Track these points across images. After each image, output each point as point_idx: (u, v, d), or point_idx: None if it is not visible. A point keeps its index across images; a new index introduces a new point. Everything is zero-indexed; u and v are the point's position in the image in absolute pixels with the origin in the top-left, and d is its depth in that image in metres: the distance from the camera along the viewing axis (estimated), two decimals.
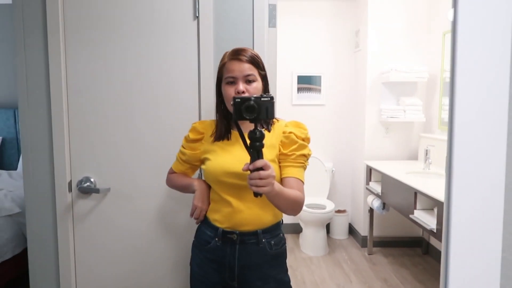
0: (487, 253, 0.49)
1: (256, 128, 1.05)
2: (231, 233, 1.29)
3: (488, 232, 0.49)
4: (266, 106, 1.07)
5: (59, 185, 1.68)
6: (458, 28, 0.55)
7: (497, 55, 0.51)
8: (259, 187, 1.04)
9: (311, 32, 4.07)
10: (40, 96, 1.67)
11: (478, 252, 0.50)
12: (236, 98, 1.07)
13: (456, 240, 0.50)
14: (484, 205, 0.50)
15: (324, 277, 3.22)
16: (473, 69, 0.52)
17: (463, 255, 0.51)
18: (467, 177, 0.50)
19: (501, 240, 0.43)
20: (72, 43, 1.65)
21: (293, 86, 4.10)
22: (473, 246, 0.50)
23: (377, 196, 3.40)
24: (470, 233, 0.50)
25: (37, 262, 1.75)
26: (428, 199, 2.51)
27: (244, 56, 1.27)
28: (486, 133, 0.50)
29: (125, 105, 1.68)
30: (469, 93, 0.51)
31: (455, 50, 0.55)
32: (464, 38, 0.53)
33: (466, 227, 0.51)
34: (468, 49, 0.52)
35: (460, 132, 0.51)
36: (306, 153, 1.29)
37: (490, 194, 0.49)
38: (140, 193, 1.71)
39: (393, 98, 3.74)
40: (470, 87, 0.51)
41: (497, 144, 0.49)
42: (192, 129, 1.41)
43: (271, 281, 1.31)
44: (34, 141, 1.69)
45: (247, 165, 1.05)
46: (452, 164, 0.50)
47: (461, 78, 0.53)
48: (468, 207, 0.50)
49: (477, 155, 0.50)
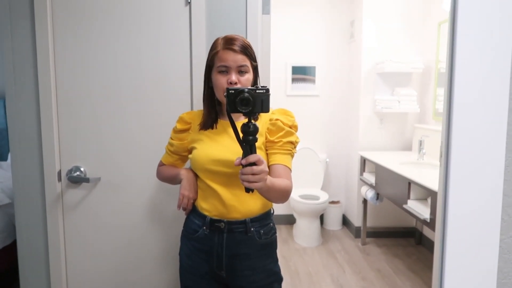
0: (485, 239, 0.47)
1: (250, 122, 1.02)
2: (219, 222, 1.27)
3: (485, 218, 0.47)
4: (261, 99, 1.03)
5: (48, 174, 1.65)
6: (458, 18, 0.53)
7: (497, 44, 0.49)
8: (251, 182, 1.00)
9: (306, 22, 4.03)
10: (28, 85, 1.63)
11: (475, 238, 0.48)
12: (230, 89, 1.03)
13: (453, 228, 0.48)
14: (481, 191, 0.48)
15: (317, 268, 3.22)
16: (472, 59, 0.50)
17: (459, 242, 0.49)
18: (464, 165, 0.48)
19: (499, 224, 0.41)
20: (60, 31, 1.61)
21: (288, 76, 4.07)
22: (470, 233, 0.48)
23: (371, 186, 3.41)
24: (467, 220, 0.48)
25: (26, 252, 1.72)
26: (421, 189, 2.50)
27: (238, 46, 1.24)
28: (484, 123, 0.48)
29: (115, 94, 1.64)
30: (468, 82, 0.49)
31: (454, 39, 0.52)
32: (463, 29, 0.51)
33: (463, 214, 0.49)
34: (467, 38, 0.50)
35: (458, 122, 0.50)
36: (294, 140, 1.27)
37: (488, 180, 0.47)
38: (131, 182, 1.69)
39: (387, 89, 3.73)
40: (469, 76, 0.49)
41: (496, 133, 0.47)
42: (180, 119, 1.39)
43: (260, 271, 1.29)
44: (23, 131, 1.65)
45: (239, 160, 1.02)
46: (450, 152, 0.48)
47: (460, 67, 0.51)
48: (465, 195, 0.49)
49: (476, 144, 0.48)
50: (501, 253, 0.43)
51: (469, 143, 0.47)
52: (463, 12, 0.50)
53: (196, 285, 1.33)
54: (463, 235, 0.48)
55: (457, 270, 0.48)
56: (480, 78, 0.49)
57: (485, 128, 0.46)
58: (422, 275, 3.07)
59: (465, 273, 0.46)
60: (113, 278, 1.74)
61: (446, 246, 0.49)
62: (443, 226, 0.52)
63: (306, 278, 3.04)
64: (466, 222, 0.47)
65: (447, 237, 0.48)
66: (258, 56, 1.59)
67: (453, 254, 0.48)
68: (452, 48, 0.48)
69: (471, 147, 0.48)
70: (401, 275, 3.07)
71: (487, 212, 0.44)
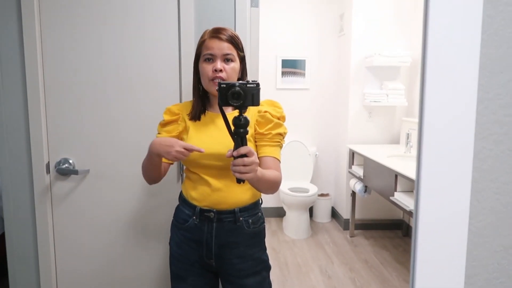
0: (455, 224, 0.50)
1: (241, 115, 1.05)
2: (209, 211, 1.29)
3: (455, 204, 0.50)
4: (252, 93, 1.06)
5: (36, 167, 1.65)
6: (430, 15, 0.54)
7: (466, 35, 0.51)
8: (243, 173, 1.04)
9: (296, 15, 4.04)
10: (15, 77, 1.62)
11: (445, 222, 0.51)
12: (222, 83, 1.06)
13: (424, 215, 0.51)
14: (451, 178, 0.51)
15: (306, 259, 3.27)
16: (442, 49, 0.52)
17: (430, 228, 0.52)
18: (435, 153, 0.50)
19: (468, 209, 0.44)
20: (47, 24, 1.60)
21: (278, 70, 4.08)
22: (441, 218, 0.51)
23: (359, 179, 3.45)
24: (437, 207, 0.51)
25: (15, 245, 1.72)
26: (408, 181, 2.55)
27: (224, 35, 1.27)
28: (454, 112, 0.50)
29: (103, 85, 1.64)
30: (438, 72, 0.51)
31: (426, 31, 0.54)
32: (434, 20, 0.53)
33: (433, 201, 0.51)
34: (437, 27, 0.52)
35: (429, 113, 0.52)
36: (282, 131, 1.30)
37: (458, 168, 0.49)
38: (120, 174, 1.69)
39: (376, 83, 3.76)
40: (438, 66, 0.51)
41: (465, 122, 0.49)
42: (166, 111, 1.37)
43: (249, 259, 1.32)
44: (10, 123, 1.64)
45: (230, 152, 1.05)
46: (422, 140, 0.50)
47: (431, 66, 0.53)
48: (436, 183, 0.51)
49: (445, 132, 0.51)
50: (470, 237, 0.45)
51: (439, 133, 0.49)
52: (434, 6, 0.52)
53: (186, 274, 1.35)
54: (433, 222, 0.50)
55: (428, 254, 0.50)
56: (449, 68, 0.51)
57: (454, 117, 0.48)
58: (408, 266, 3.13)
59: (435, 256, 0.49)
60: (103, 270, 1.75)
61: (418, 232, 0.51)
62: (416, 212, 0.55)
63: (295, 269, 3.08)
64: (436, 209, 0.49)
65: (419, 222, 0.50)
66: (247, 49, 1.60)
67: (425, 240, 0.50)
68: (424, 39, 0.50)
69: (441, 136, 0.50)
70: (388, 266, 3.13)
71: (457, 199, 0.46)
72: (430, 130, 0.46)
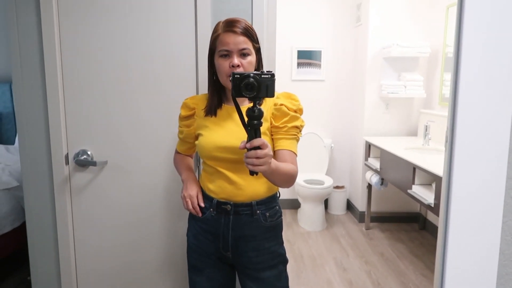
0: (488, 221, 0.48)
1: (255, 106, 1.03)
2: (225, 204, 1.28)
3: (488, 199, 0.48)
4: (267, 84, 1.04)
5: (55, 158, 1.67)
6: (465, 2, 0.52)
7: (505, 28, 0.49)
8: (256, 166, 1.02)
9: (312, 5, 3.98)
10: (34, 69, 1.63)
11: (478, 220, 0.49)
12: (236, 74, 1.04)
13: (456, 211, 0.49)
14: (485, 174, 0.49)
15: (321, 251, 3.26)
16: (479, 43, 0.49)
17: (462, 225, 0.50)
18: (468, 149, 0.49)
19: (502, 206, 0.42)
20: (66, 14, 1.60)
21: (293, 61, 4.04)
22: (473, 215, 0.49)
23: (375, 172, 3.41)
24: (470, 203, 0.49)
25: (35, 235, 1.76)
26: (426, 174, 2.51)
27: (239, 28, 1.23)
28: (489, 107, 0.48)
29: (121, 77, 1.65)
30: (474, 67, 0.49)
31: (461, 23, 0.52)
32: (471, 12, 0.50)
33: (466, 197, 0.50)
34: (474, 22, 0.50)
35: (463, 107, 0.50)
36: (299, 124, 1.27)
37: (492, 164, 0.47)
38: (137, 166, 1.70)
39: (394, 74, 3.69)
40: (475, 61, 0.49)
41: (501, 117, 0.47)
42: (183, 105, 1.39)
43: (265, 253, 1.31)
44: (30, 115, 1.67)
45: (244, 143, 1.04)
46: (455, 136, 0.48)
47: (466, 52, 0.51)
48: (469, 178, 0.49)
49: (480, 128, 0.49)
50: (503, 235, 0.44)
51: (474, 128, 0.48)
52: None
53: (202, 265, 1.36)
54: (465, 218, 0.49)
55: (459, 252, 0.48)
56: (486, 63, 0.49)
57: (490, 112, 0.46)
58: (424, 259, 3.10)
59: (467, 254, 0.47)
60: (121, 259, 1.77)
61: (449, 229, 0.50)
62: (446, 209, 0.53)
63: (310, 261, 3.08)
64: (469, 205, 0.48)
65: (450, 220, 0.48)
66: (263, 40, 1.59)
67: (456, 237, 0.48)
68: (459, 32, 0.48)
69: (475, 131, 0.48)
70: (404, 259, 3.10)
71: (490, 194, 0.45)
72: (463, 126, 0.44)
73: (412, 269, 2.93)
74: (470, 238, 0.48)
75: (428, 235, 3.59)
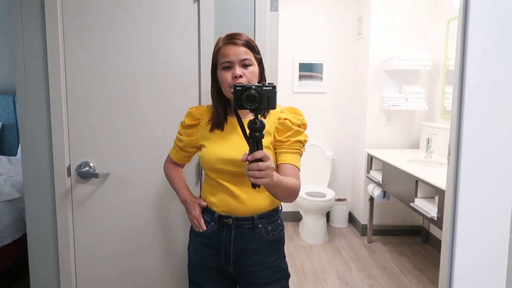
0: (494, 237, 0.48)
1: (257, 118, 1.02)
2: (227, 218, 1.27)
3: (495, 216, 0.47)
4: (268, 96, 1.03)
5: (58, 169, 1.67)
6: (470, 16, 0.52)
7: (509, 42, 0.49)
8: (258, 178, 1.01)
9: (314, 18, 4.02)
10: (38, 81, 1.64)
11: (484, 236, 0.48)
12: (237, 86, 1.04)
13: (462, 226, 0.49)
14: (491, 190, 0.48)
15: (323, 265, 3.23)
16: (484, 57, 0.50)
17: (469, 240, 0.49)
18: (474, 163, 0.48)
19: (509, 221, 0.42)
20: (70, 27, 1.62)
21: (295, 73, 4.06)
22: (480, 230, 0.48)
23: (377, 184, 3.39)
24: (476, 218, 0.48)
25: (36, 247, 1.75)
26: (429, 187, 2.49)
27: (239, 40, 1.24)
28: (495, 121, 0.48)
29: (124, 90, 1.65)
30: (479, 81, 0.49)
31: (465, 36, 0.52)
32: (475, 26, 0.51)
33: (472, 212, 0.49)
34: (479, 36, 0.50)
35: (469, 120, 0.50)
36: (302, 139, 1.27)
37: (498, 178, 0.47)
38: (139, 178, 1.70)
39: (395, 86, 3.71)
40: (480, 75, 0.49)
41: (506, 131, 0.47)
42: (188, 114, 1.38)
43: (268, 267, 1.30)
44: (33, 126, 1.67)
45: (245, 156, 1.03)
46: (460, 150, 0.48)
47: (471, 65, 0.51)
48: (475, 193, 0.49)
49: (486, 142, 0.48)
50: (511, 251, 0.43)
51: (479, 142, 0.47)
52: (475, 10, 0.50)
53: (204, 280, 1.34)
54: (472, 233, 0.48)
55: (466, 268, 0.48)
56: (491, 76, 0.49)
57: (495, 126, 0.46)
58: (428, 273, 3.06)
59: (474, 270, 0.47)
60: (122, 272, 1.76)
61: (456, 244, 0.49)
62: (452, 224, 0.52)
63: (312, 275, 3.05)
64: (475, 220, 0.47)
65: (457, 235, 0.48)
66: (266, 53, 1.60)
67: (463, 252, 0.48)
68: (463, 46, 0.48)
69: (481, 145, 0.48)
70: (407, 273, 3.07)
71: (497, 209, 0.44)
72: (469, 138, 0.44)
73: (415, 283, 2.90)
74: (477, 254, 0.47)
75: (431, 248, 3.56)
